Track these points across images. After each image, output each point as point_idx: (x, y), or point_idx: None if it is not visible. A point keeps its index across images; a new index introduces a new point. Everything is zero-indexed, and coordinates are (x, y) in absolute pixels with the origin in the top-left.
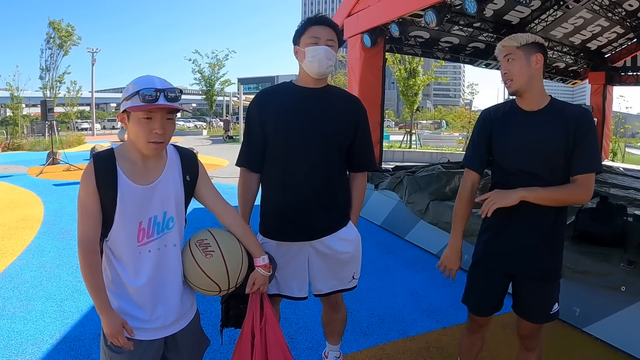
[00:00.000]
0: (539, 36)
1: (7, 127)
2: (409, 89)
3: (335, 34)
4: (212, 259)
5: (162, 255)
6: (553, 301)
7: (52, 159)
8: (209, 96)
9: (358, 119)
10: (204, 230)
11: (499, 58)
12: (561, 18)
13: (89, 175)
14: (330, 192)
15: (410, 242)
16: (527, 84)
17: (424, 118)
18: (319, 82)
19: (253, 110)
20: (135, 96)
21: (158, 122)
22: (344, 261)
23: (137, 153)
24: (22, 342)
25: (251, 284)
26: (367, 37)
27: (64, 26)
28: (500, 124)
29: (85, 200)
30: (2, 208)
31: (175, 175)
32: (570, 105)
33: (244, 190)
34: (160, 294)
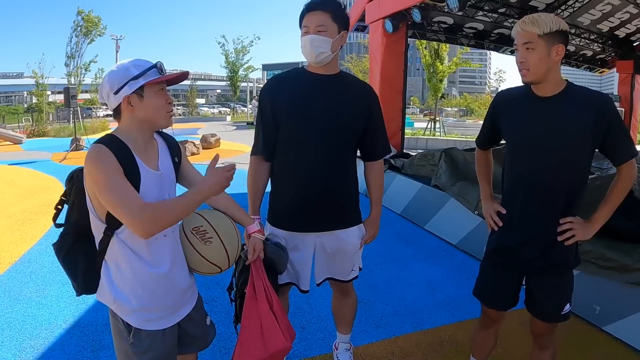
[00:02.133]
0: (563, 21)
1: (32, 113)
2: (435, 75)
3: (330, 16)
4: (212, 245)
5: (174, 238)
6: (565, 300)
7: (75, 145)
8: (233, 82)
9: (371, 106)
10: (194, 215)
11: (516, 41)
12: (589, 4)
13: (107, 156)
14: (341, 182)
15: (430, 232)
16: (543, 75)
17: (449, 105)
18: (327, 68)
19: (265, 96)
20: (150, 71)
21: (166, 92)
22: (347, 255)
23: (141, 135)
24: (37, 326)
25: (252, 250)
26: (389, 23)
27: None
28: (513, 109)
29: (117, 174)
30: (25, 194)
31: (167, 157)
32: (588, 90)
33: (255, 179)
34: (176, 277)
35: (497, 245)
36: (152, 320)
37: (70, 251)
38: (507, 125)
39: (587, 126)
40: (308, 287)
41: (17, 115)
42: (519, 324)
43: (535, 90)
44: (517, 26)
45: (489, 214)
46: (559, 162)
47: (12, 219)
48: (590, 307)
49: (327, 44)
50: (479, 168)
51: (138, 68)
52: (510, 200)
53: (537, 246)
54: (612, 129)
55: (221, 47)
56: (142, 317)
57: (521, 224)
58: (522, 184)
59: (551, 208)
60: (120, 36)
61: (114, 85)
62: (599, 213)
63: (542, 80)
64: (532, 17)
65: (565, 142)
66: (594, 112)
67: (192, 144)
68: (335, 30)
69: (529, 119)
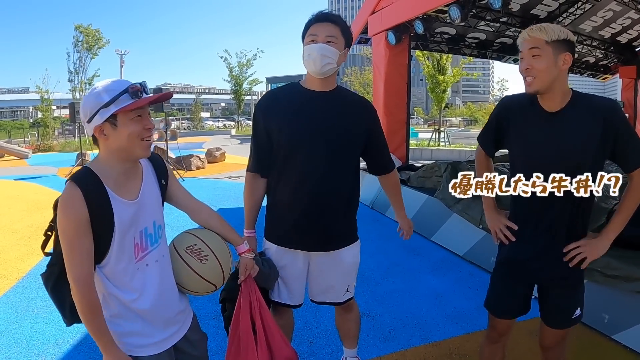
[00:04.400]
0: (570, 31)
1: (38, 128)
2: (437, 86)
3: (340, 29)
4: (208, 264)
5: (161, 266)
6: (576, 306)
7: (81, 160)
8: (238, 95)
9: (370, 123)
10: (186, 235)
11: (521, 49)
12: (590, 11)
13: (77, 204)
14: (340, 201)
15: (436, 243)
16: (549, 84)
17: (453, 115)
18: (325, 84)
19: (258, 114)
20: (122, 96)
21: (146, 117)
22: (341, 275)
23: (119, 165)
24: (44, 342)
25: (243, 270)
26: (392, 35)
27: (92, 29)
28: (520, 121)
29: (75, 235)
30: (31, 209)
31: (153, 182)
32: (595, 97)
33: (251, 195)
34: (166, 304)
35: (508, 257)
36: (143, 347)
37: (57, 283)
38: (514, 139)
39: (596, 139)
40: (302, 301)
41: (22, 130)
42: (528, 334)
43: (542, 103)
44: (524, 33)
45: (497, 228)
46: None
47: (18, 234)
48: (599, 316)
49: (335, 56)
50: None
51: (109, 93)
52: (518, 212)
53: (548, 259)
54: (621, 137)
55: (224, 61)
56: (133, 344)
57: (532, 238)
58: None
59: (562, 222)
60: (124, 51)
61: (86, 113)
62: (612, 224)
63: (548, 90)
64: (539, 25)
65: (575, 160)
66: (601, 122)
67: (197, 158)
68: (342, 44)
69: (538, 137)
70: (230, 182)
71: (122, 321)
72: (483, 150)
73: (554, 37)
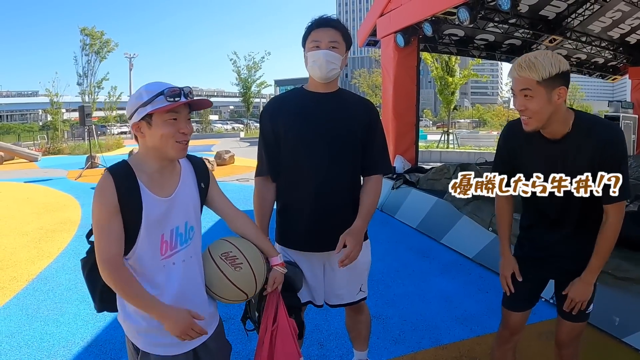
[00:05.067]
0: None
1: (47, 131)
2: (446, 88)
3: (341, 34)
4: (242, 271)
5: (187, 267)
6: (590, 302)
7: (90, 163)
8: (246, 98)
9: (370, 122)
10: (222, 242)
11: (512, 86)
12: (598, 12)
13: (108, 192)
14: (349, 199)
15: (446, 246)
16: (546, 121)
17: (462, 117)
18: (328, 86)
19: (265, 118)
20: (158, 98)
21: (183, 121)
22: (355, 274)
23: (155, 163)
24: (54, 344)
25: (272, 283)
26: (400, 37)
27: (97, 32)
28: (524, 149)
29: (105, 219)
30: (41, 211)
31: (191, 184)
32: (597, 124)
33: (261, 200)
34: (187, 304)
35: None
36: (160, 345)
37: (92, 269)
38: (522, 164)
39: (595, 162)
40: (322, 302)
41: (32, 133)
42: (537, 337)
43: (544, 133)
44: (513, 70)
45: (504, 277)
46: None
47: (28, 237)
48: (609, 318)
49: (339, 61)
50: (498, 217)
51: (148, 94)
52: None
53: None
54: (607, 166)
55: (233, 63)
56: (149, 341)
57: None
58: (542, 217)
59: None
60: (133, 54)
61: (128, 111)
62: (591, 267)
63: (547, 125)
64: (529, 60)
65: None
66: (599, 149)
67: (206, 160)
68: (344, 48)
69: (542, 159)
70: (240, 184)
71: (141, 317)
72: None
73: (545, 76)
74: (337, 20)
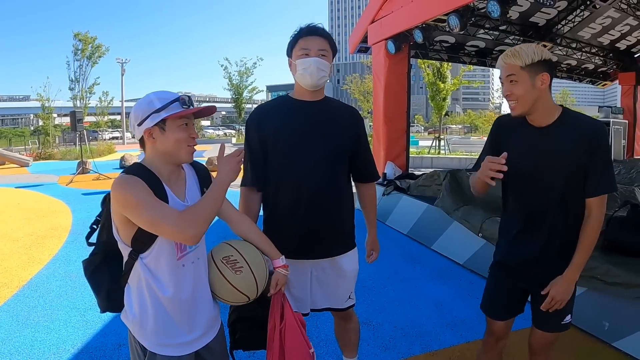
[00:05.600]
0: (546, 50)
1: (39, 136)
2: (438, 94)
3: (329, 43)
4: (242, 275)
5: (196, 268)
6: (566, 313)
7: (82, 168)
8: (238, 104)
9: (358, 131)
10: (224, 245)
11: (500, 75)
12: (588, 18)
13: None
14: (336, 208)
15: (437, 252)
16: (531, 106)
17: (454, 122)
18: (315, 94)
19: (251, 127)
20: (174, 104)
21: (192, 127)
22: (343, 281)
23: (164, 168)
24: (45, 351)
25: (274, 284)
26: (391, 44)
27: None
28: (512, 137)
29: (151, 195)
30: (32, 217)
31: (195, 188)
32: (583, 117)
33: (246, 211)
34: (196, 306)
35: (502, 260)
36: (167, 346)
37: (97, 270)
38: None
39: (580, 153)
40: (308, 310)
41: (23, 137)
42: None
43: (530, 120)
44: (500, 60)
45: (487, 169)
46: (556, 189)
47: (19, 243)
48: (599, 323)
49: (328, 69)
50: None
51: (161, 101)
52: (509, 220)
53: (541, 266)
54: (597, 159)
55: (224, 69)
56: (158, 341)
57: (526, 244)
58: (520, 209)
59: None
60: (125, 60)
61: (138, 116)
62: (575, 262)
63: (533, 111)
64: (513, 49)
65: (560, 171)
66: (587, 140)
67: None
68: (331, 57)
69: (526, 147)
70: (231, 190)
71: (151, 318)
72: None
73: (527, 62)
74: (324, 29)
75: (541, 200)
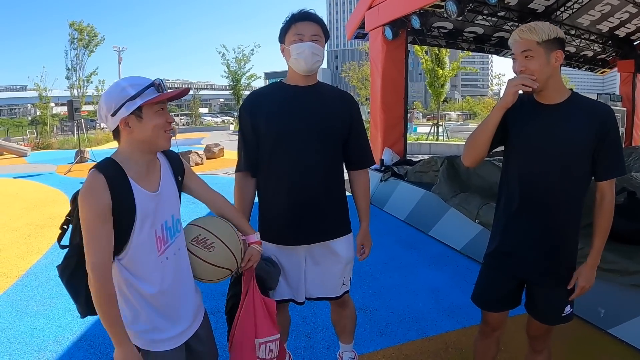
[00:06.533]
0: (559, 28)
1: (36, 126)
2: (436, 80)
3: (321, 28)
4: (216, 250)
5: (178, 259)
6: (565, 304)
7: (79, 157)
8: (236, 91)
9: (352, 115)
10: (190, 227)
11: (513, 50)
12: (588, 5)
13: (99, 189)
14: (329, 191)
15: (434, 238)
16: (544, 83)
17: (452, 109)
18: (308, 79)
19: (244, 114)
20: (148, 90)
21: (167, 112)
22: (337, 268)
23: (141, 157)
24: (44, 339)
25: (247, 260)
26: (389, 30)
27: (85, 26)
28: (518, 114)
29: (96, 219)
30: (31, 207)
31: (170, 176)
32: (593, 100)
33: (241, 195)
34: (181, 297)
35: (495, 248)
36: (158, 342)
37: (74, 275)
38: (511, 129)
39: (591, 135)
40: (303, 299)
41: (21, 127)
42: (523, 327)
43: (537, 98)
44: (515, 35)
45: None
46: (560, 169)
47: (18, 233)
48: (595, 310)
49: (322, 53)
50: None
51: (135, 87)
52: (507, 204)
53: (538, 253)
54: (608, 143)
55: (222, 56)
56: (148, 339)
57: (517, 228)
58: (521, 186)
59: (548, 214)
60: (122, 48)
61: (110, 106)
62: (595, 247)
63: (544, 88)
64: (529, 25)
65: (568, 149)
66: (598, 122)
67: (195, 154)
68: (324, 42)
69: (534, 124)
70: (229, 177)
71: (139, 317)
72: None
73: (544, 37)
74: (317, 15)
75: (544, 177)
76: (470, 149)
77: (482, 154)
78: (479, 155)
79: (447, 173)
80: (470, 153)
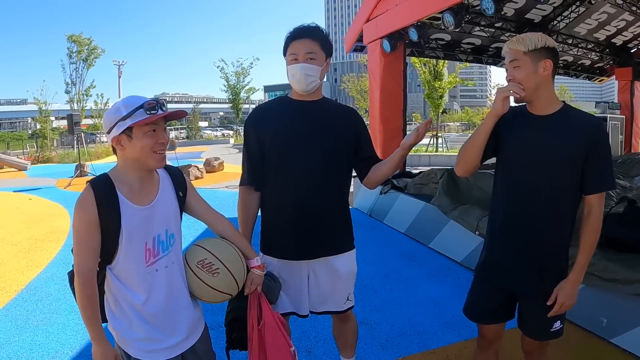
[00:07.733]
0: (551, 38)
1: (36, 140)
2: (434, 92)
3: (319, 43)
4: (220, 276)
5: (170, 273)
6: (555, 319)
7: (80, 171)
8: (235, 104)
9: (357, 129)
10: (196, 248)
11: (504, 61)
12: (584, 14)
13: (88, 203)
14: (332, 207)
15: (434, 250)
16: (533, 92)
17: (451, 120)
18: (312, 95)
19: (250, 128)
20: (138, 111)
21: (161, 132)
22: (340, 284)
23: (134, 174)
24: (44, 355)
25: (249, 284)
26: (387, 42)
27: (84, 38)
28: (510, 124)
29: (84, 230)
30: (31, 221)
31: (170, 193)
32: (584, 113)
33: (245, 209)
34: (174, 310)
35: (484, 260)
36: (151, 352)
37: None
38: (502, 139)
39: (580, 147)
40: (307, 312)
41: (21, 141)
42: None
43: (530, 109)
44: (505, 46)
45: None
46: (547, 180)
47: (17, 247)
48: (597, 320)
49: (317, 72)
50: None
51: (127, 108)
52: (495, 215)
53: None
54: (597, 156)
55: (220, 70)
56: (141, 347)
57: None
58: (508, 197)
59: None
60: (122, 62)
61: (106, 125)
62: (579, 263)
63: (534, 98)
64: (519, 36)
65: (556, 160)
66: (588, 134)
67: (195, 168)
68: (323, 58)
69: (523, 135)
70: (229, 191)
71: (133, 327)
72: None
73: (531, 47)
74: (315, 28)
75: (531, 187)
76: (462, 158)
77: (474, 163)
78: (472, 164)
79: (447, 185)
80: (462, 162)
